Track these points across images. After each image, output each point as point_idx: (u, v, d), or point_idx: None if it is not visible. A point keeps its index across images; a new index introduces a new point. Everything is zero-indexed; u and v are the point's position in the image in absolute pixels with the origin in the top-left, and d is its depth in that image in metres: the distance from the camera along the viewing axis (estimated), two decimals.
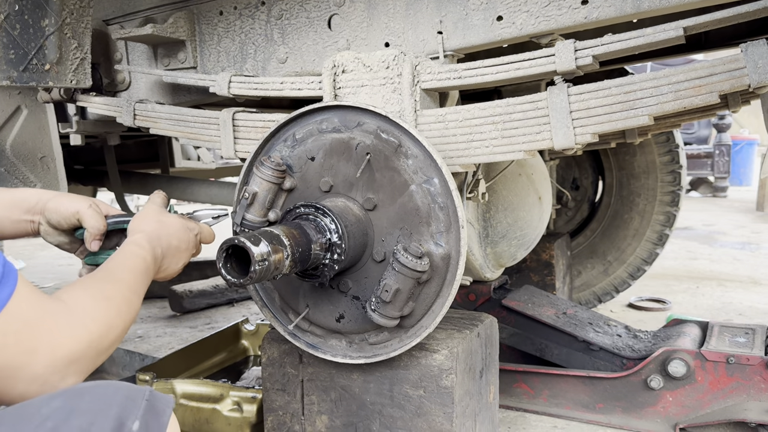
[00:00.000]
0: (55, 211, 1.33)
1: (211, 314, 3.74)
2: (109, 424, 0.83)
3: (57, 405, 0.83)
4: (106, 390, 0.88)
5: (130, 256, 1.18)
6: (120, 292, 1.06)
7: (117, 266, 1.13)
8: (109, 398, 0.86)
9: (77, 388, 0.89)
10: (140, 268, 1.17)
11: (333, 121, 1.47)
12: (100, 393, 0.87)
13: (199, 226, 1.43)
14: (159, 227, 1.31)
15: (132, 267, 1.15)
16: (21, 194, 1.35)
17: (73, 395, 0.86)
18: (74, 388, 0.89)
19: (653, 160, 2.95)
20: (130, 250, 1.20)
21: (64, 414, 0.82)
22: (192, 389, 2.03)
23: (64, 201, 1.34)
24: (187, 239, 1.36)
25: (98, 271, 1.11)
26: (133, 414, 0.86)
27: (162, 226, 1.32)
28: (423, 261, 1.32)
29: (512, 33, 1.55)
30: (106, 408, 0.85)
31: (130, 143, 3.79)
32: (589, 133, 1.39)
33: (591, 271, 3.15)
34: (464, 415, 1.56)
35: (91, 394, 0.87)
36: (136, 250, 1.20)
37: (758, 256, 4.73)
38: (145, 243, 1.24)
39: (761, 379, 1.81)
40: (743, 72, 1.25)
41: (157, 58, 2.07)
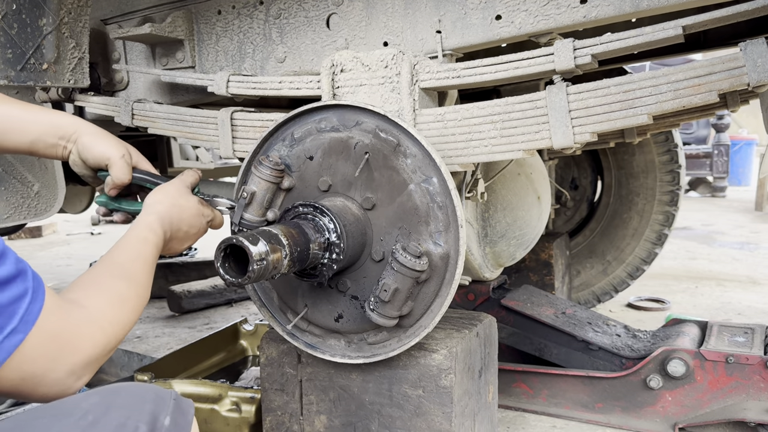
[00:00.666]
0: (89, 149, 1.36)
1: (210, 314, 3.74)
2: (144, 418, 0.89)
3: (96, 401, 0.90)
4: (139, 389, 0.96)
5: (143, 244, 1.20)
6: (135, 290, 1.10)
7: (129, 257, 1.15)
8: (142, 396, 0.94)
9: (113, 387, 0.96)
10: (151, 257, 1.19)
11: (331, 121, 1.46)
12: (134, 391, 0.95)
13: (213, 213, 1.45)
14: (174, 210, 1.32)
15: (143, 257, 1.17)
16: (60, 119, 1.37)
17: (109, 392, 0.93)
18: (110, 387, 0.96)
19: (652, 160, 2.95)
20: (143, 237, 1.22)
21: (103, 408, 0.88)
22: (190, 389, 2.02)
23: (100, 142, 1.37)
24: (198, 225, 1.39)
25: (110, 261, 1.13)
26: (164, 411, 0.93)
27: (178, 209, 1.33)
28: (422, 260, 1.32)
29: (511, 32, 1.55)
30: (141, 404, 0.92)
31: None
32: (588, 132, 1.39)
33: (590, 270, 3.15)
34: (463, 414, 1.56)
35: (126, 391, 0.94)
36: (149, 236, 1.22)
37: (757, 256, 4.73)
38: (158, 227, 1.26)
39: (760, 379, 1.81)
40: (742, 71, 1.25)
41: (155, 57, 2.06)
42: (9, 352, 0.86)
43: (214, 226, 1.47)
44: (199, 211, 1.39)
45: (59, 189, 2.29)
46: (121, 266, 1.13)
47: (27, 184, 2.20)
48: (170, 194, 1.36)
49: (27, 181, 2.20)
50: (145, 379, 2.04)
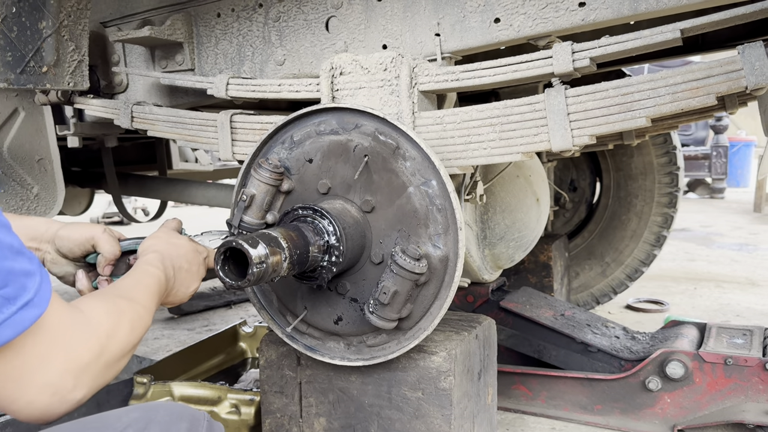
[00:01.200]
0: (68, 237, 1.32)
1: (209, 316, 3.74)
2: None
3: (136, 416, 0.93)
4: (177, 408, 1.00)
5: (145, 275, 1.18)
6: (134, 308, 1.07)
7: (132, 284, 1.14)
8: (179, 414, 0.98)
9: (152, 404, 1.00)
10: (153, 288, 1.17)
11: (331, 123, 1.47)
12: (172, 409, 0.99)
13: (207, 250, 1.41)
14: (170, 248, 1.30)
15: (146, 285, 1.15)
16: (29, 221, 1.35)
17: (149, 409, 0.97)
18: (149, 404, 1.00)
19: (651, 162, 2.96)
20: (144, 269, 1.20)
21: (143, 423, 0.92)
22: (189, 392, 2.03)
23: (78, 228, 1.35)
24: (197, 262, 1.36)
25: (114, 286, 1.12)
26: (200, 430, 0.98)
27: (173, 247, 1.31)
28: (421, 263, 1.32)
29: (510, 35, 1.55)
30: (178, 421, 0.96)
31: (127, 145, 3.78)
32: (586, 135, 1.39)
33: (589, 272, 3.15)
34: (462, 416, 1.56)
35: (164, 409, 0.98)
36: (149, 269, 1.20)
37: (756, 258, 4.73)
38: (158, 263, 1.23)
39: (759, 381, 1.81)
40: (740, 74, 1.25)
41: (154, 60, 2.06)
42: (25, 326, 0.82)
43: (210, 263, 1.43)
44: (193, 247, 1.37)
45: (59, 191, 2.30)
46: (123, 288, 1.12)
47: (26, 187, 2.21)
48: (161, 237, 1.35)
49: (26, 184, 2.21)
50: (145, 381, 2.05)
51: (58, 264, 1.36)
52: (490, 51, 1.67)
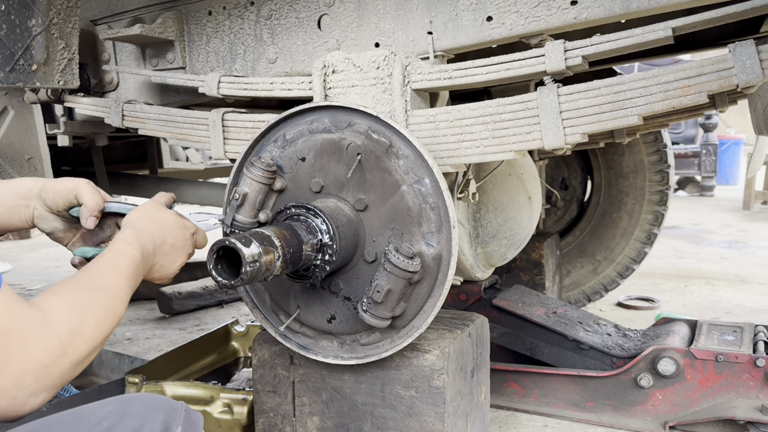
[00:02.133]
0: (52, 189, 1.30)
1: (201, 316, 3.72)
2: (157, 426, 0.92)
3: (111, 408, 0.91)
4: (152, 399, 0.97)
5: (117, 256, 1.14)
6: (101, 300, 1.02)
7: (101, 270, 1.09)
8: (155, 405, 0.95)
9: (127, 397, 0.97)
10: (127, 270, 1.13)
11: (324, 122, 1.46)
12: (147, 401, 0.96)
13: (195, 227, 1.39)
14: (152, 224, 1.27)
15: (117, 269, 1.11)
16: (15, 182, 1.33)
17: (123, 401, 0.95)
18: (123, 397, 0.97)
19: (641, 160, 2.97)
20: (118, 249, 1.16)
21: (118, 416, 0.90)
22: (182, 391, 2.02)
23: (62, 181, 1.32)
24: (183, 237, 1.32)
25: (80, 274, 1.07)
26: (176, 421, 0.95)
27: (156, 222, 1.28)
28: (414, 261, 1.32)
29: (502, 33, 1.55)
30: (154, 413, 0.93)
31: (117, 144, 3.76)
32: (579, 133, 1.39)
33: (580, 270, 3.16)
34: (456, 414, 1.57)
35: (140, 401, 0.95)
36: (124, 248, 1.17)
37: (745, 255, 4.77)
38: (133, 240, 1.20)
39: (750, 377, 1.83)
40: (731, 72, 1.26)
41: (145, 58, 2.05)
42: None
43: (198, 240, 1.40)
44: (179, 223, 1.33)
45: None
46: (89, 277, 1.06)
47: None
48: (146, 210, 1.31)
49: None
50: (137, 381, 2.03)
51: (45, 219, 1.34)
52: (482, 49, 1.67)
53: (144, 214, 1.30)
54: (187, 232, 1.35)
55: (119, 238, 1.21)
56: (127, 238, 1.20)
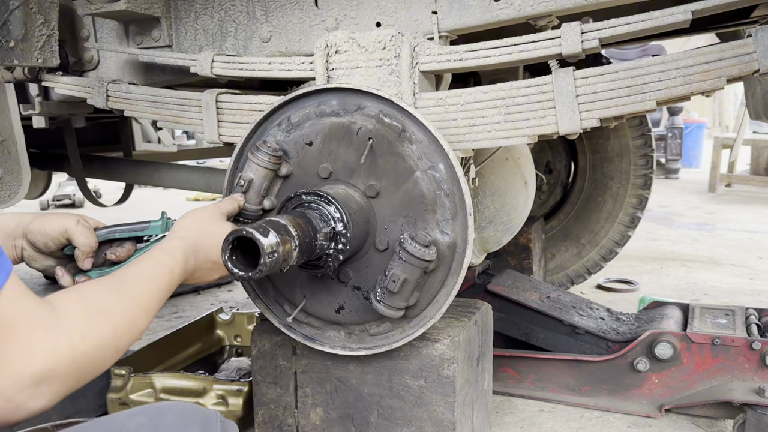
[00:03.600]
0: (40, 232, 1.22)
1: (177, 303, 3.63)
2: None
3: (141, 421, 0.84)
4: (186, 409, 0.90)
5: (156, 265, 1.07)
6: (123, 307, 0.94)
7: (134, 275, 1.02)
8: (189, 417, 0.88)
9: (158, 406, 0.89)
10: (162, 281, 1.06)
11: (331, 105, 1.40)
12: (181, 411, 0.89)
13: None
14: (202, 237, 1.19)
15: (151, 278, 1.04)
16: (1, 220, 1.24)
17: (156, 412, 0.87)
18: (155, 406, 0.89)
19: (627, 144, 2.98)
20: (157, 258, 1.09)
21: (150, 429, 0.83)
22: (172, 383, 1.95)
23: (49, 220, 1.24)
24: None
25: (112, 276, 1.01)
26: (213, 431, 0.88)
27: (206, 237, 1.20)
28: (431, 250, 1.28)
29: (510, 14, 1.51)
30: (188, 425, 0.86)
31: (87, 125, 3.61)
32: (595, 118, 1.37)
33: (565, 253, 3.17)
34: (464, 403, 1.54)
35: (173, 411, 0.88)
36: (166, 260, 1.10)
37: (715, 237, 4.87)
38: (179, 253, 1.13)
39: (745, 360, 1.85)
40: (752, 57, 1.25)
41: (128, 35, 1.95)
42: None
43: None
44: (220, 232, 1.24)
45: (24, 175, 2.16)
46: (119, 281, 0.99)
47: None
48: (200, 219, 1.23)
49: None
50: (123, 373, 1.96)
51: (36, 260, 1.27)
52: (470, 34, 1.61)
53: (198, 224, 1.22)
54: None
55: (164, 246, 1.14)
56: (172, 249, 1.13)
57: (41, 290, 3.89)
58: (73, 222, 1.25)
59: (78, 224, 1.25)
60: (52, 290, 3.90)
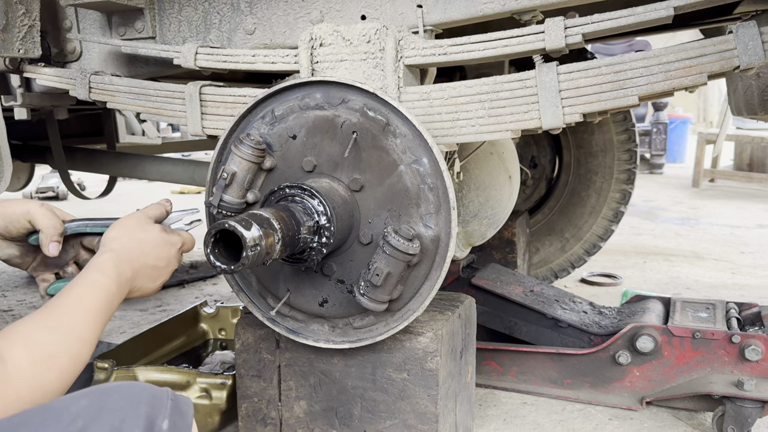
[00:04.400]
0: (2, 216, 1.20)
1: (162, 296, 3.61)
2: (140, 422, 0.81)
3: (85, 404, 0.81)
4: (133, 389, 0.86)
5: (90, 288, 1.05)
6: (67, 347, 0.95)
7: (71, 307, 1.01)
8: (136, 396, 0.85)
9: (103, 388, 0.85)
10: (100, 304, 1.04)
11: (315, 98, 1.40)
12: (127, 392, 0.85)
13: (182, 238, 1.29)
14: (133, 245, 1.18)
15: (89, 306, 1.02)
16: None
17: (100, 394, 0.83)
18: (99, 388, 0.85)
19: (611, 139, 3.00)
20: (92, 280, 1.07)
21: (94, 412, 0.80)
22: (156, 376, 1.94)
23: (9, 204, 1.21)
24: (167, 257, 1.24)
25: (48, 311, 0.98)
26: (162, 413, 0.85)
27: (137, 244, 1.18)
28: (414, 243, 1.28)
29: (495, 9, 1.51)
30: (136, 406, 0.83)
31: (70, 117, 3.57)
32: (578, 113, 1.38)
33: (549, 248, 3.19)
34: (447, 396, 1.55)
35: (118, 392, 0.84)
36: (99, 279, 1.08)
37: (698, 231, 4.92)
38: (110, 268, 1.11)
39: (725, 353, 1.87)
40: (733, 53, 1.26)
41: (111, 26, 1.93)
42: None
43: (186, 250, 1.32)
44: (164, 241, 1.24)
45: (5, 167, 2.14)
46: (57, 317, 0.98)
47: None
48: (128, 228, 1.21)
49: None
50: (106, 366, 1.95)
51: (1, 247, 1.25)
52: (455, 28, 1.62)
53: (125, 233, 1.20)
54: (173, 249, 1.26)
55: (95, 264, 1.11)
56: (103, 266, 1.11)
57: (23, 283, 3.85)
58: (36, 205, 1.23)
59: (41, 207, 1.23)
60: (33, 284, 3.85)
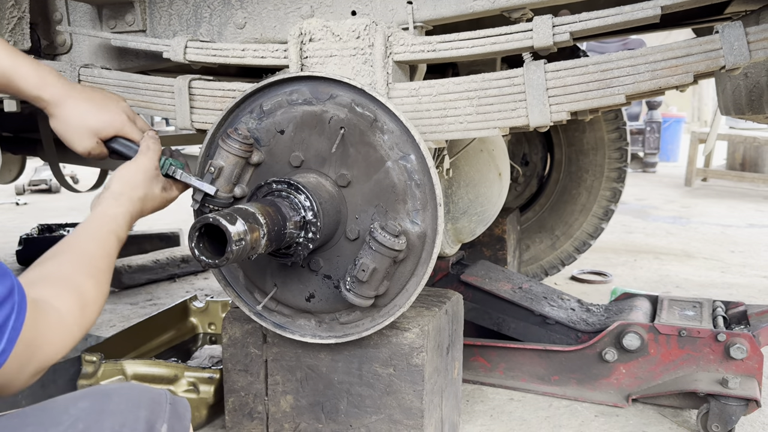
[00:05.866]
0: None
1: (152, 290, 3.61)
2: (140, 426, 0.84)
3: (85, 406, 0.83)
4: (132, 392, 0.89)
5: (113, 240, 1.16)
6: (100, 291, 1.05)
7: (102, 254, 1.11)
8: (136, 400, 0.87)
9: (103, 390, 0.89)
10: (116, 254, 1.16)
11: (304, 93, 1.40)
12: (127, 395, 0.87)
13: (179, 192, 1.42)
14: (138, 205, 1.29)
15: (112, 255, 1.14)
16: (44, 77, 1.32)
17: (100, 396, 0.86)
18: (99, 389, 0.89)
19: (602, 137, 3.01)
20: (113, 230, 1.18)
21: (95, 415, 0.82)
22: (144, 370, 1.95)
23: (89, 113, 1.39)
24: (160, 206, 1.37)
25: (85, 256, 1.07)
26: (161, 417, 0.87)
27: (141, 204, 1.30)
28: (400, 240, 1.29)
29: (485, 6, 1.51)
30: (135, 409, 0.85)
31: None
32: (565, 111, 1.38)
33: (539, 245, 3.20)
34: (433, 392, 1.56)
35: (118, 395, 0.87)
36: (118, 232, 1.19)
37: (689, 230, 4.94)
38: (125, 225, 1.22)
39: (710, 351, 1.89)
40: (719, 53, 1.26)
41: (102, 19, 1.92)
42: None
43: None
44: (164, 199, 1.36)
45: None
46: (92, 262, 1.08)
47: None
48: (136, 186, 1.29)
49: None
50: (94, 359, 1.95)
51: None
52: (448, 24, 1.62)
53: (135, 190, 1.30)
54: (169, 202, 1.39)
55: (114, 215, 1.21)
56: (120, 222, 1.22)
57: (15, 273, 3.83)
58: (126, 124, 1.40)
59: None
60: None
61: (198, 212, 1.46)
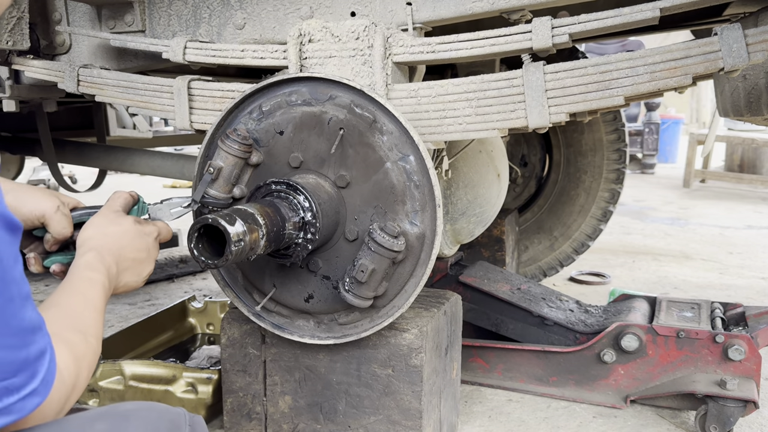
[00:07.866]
0: (15, 210, 1.16)
1: (151, 290, 3.61)
2: None
3: (102, 428, 0.81)
4: (151, 414, 0.86)
5: (90, 287, 1.06)
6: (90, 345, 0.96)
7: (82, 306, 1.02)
8: (154, 423, 0.84)
9: (121, 411, 0.85)
10: (100, 301, 1.05)
11: (303, 94, 1.40)
12: (145, 417, 0.85)
13: (157, 227, 1.28)
14: (109, 240, 1.17)
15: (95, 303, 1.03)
16: None
17: (118, 419, 0.83)
18: (117, 410, 0.86)
19: (600, 139, 3.01)
20: (88, 278, 1.07)
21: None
22: (142, 370, 1.94)
23: (27, 200, 1.19)
24: (145, 247, 1.22)
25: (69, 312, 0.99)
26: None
27: (113, 238, 1.17)
28: (399, 241, 1.29)
29: (484, 7, 1.51)
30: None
31: (60, 110, 3.55)
32: (563, 113, 1.38)
33: (537, 246, 3.20)
34: (431, 392, 1.56)
35: (136, 418, 0.84)
36: (93, 276, 1.08)
37: (687, 232, 4.95)
38: (98, 264, 1.10)
39: (708, 353, 1.89)
40: (718, 55, 1.27)
41: (101, 19, 1.92)
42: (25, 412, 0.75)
43: (163, 239, 1.30)
44: (137, 232, 1.22)
45: None
46: (76, 316, 0.99)
47: None
48: (99, 226, 1.20)
49: None
50: None
51: None
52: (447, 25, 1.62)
53: (98, 230, 1.19)
54: (149, 239, 1.24)
55: (83, 263, 1.10)
56: (91, 263, 1.10)
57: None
58: (52, 209, 1.21)
59: (57, 212, 1.21)
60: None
61: (197, 213, 1.46)
